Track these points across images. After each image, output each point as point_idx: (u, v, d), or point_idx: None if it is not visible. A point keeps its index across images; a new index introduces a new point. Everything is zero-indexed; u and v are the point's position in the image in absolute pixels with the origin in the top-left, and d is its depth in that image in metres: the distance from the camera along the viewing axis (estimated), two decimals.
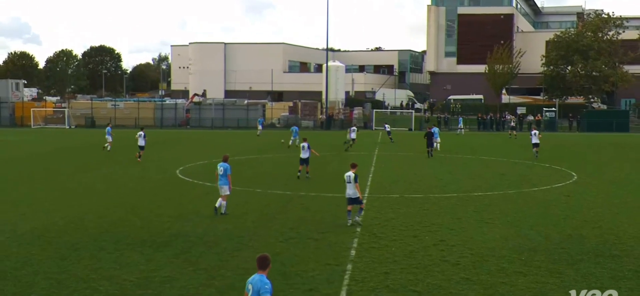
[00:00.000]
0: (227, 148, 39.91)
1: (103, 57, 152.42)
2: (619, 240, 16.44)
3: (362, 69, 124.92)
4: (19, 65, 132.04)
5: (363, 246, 15.68)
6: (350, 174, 18.05)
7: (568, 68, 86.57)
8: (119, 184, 26.81)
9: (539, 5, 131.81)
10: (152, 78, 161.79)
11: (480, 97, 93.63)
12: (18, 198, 23.00)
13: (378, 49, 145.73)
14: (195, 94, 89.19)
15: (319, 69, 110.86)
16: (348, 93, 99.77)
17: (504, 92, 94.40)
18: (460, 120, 69.98)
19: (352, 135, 46.28)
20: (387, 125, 57.77)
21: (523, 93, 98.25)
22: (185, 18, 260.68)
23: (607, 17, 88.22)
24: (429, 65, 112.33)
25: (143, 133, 36.48)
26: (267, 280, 8.35)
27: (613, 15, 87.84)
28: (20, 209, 20.55)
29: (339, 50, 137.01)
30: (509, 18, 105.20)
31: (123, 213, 19.91)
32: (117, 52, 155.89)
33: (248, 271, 13.30)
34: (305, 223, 18.43)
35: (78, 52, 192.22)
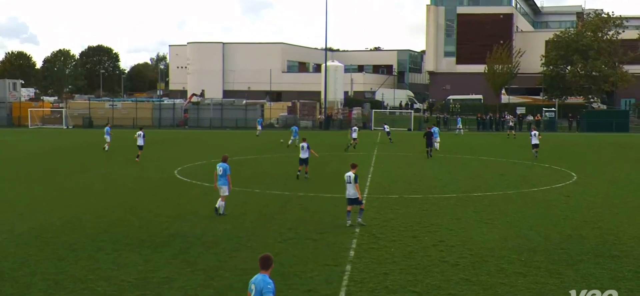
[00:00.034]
0: (225, 148, 39.84)
1: (101, 56, 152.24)
2: (619, 241, 16.42)
3: (361, 69, 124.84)
4: (17, 65, 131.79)
5: (362, 247, 15.64)
6: (351, 174, 18.00)
7: (568, 68, 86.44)
8: (117, 184, 26.75)
9: (539, 5, 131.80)
10: (150, 78, 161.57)
11: (480, 97, 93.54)
12: (15, 198, 22.93)
13: (377, 49, 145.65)
14: (194, 94, 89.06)
15: (318, 69, 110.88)
16: (347, 93, 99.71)
17: (504, 92, 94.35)
18: (459, 121, 69.94)
19: (353, 135, 46.35)
20: (386, 126, 57.71)
21: (522, 93, 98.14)
22: (184, 18, 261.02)
23: (606, 16, 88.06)
24: (428, 65, 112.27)
25: (142, 133, 36.53)
26: (269, 280, 8.36)
27: (613, 15, 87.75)
28: (18, 209, 20.50)
29: (338, 50, 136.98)
30: (509, 18, 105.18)
31: (121, 213, 19.86)
32: (115, 51, 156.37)
33: (246, 272, 13.27)
34: (304, 223, 18.39)
35: (76, 51, 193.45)
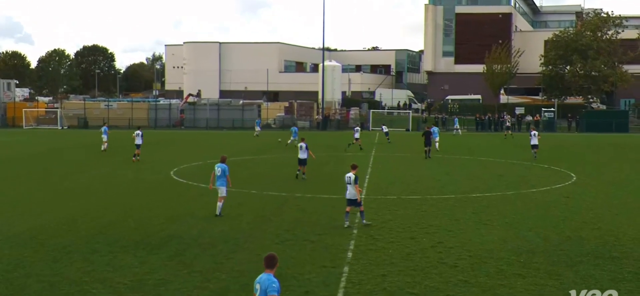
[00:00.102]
0: (222, 149, 39.71)
1: (96, 56, 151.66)
2: (619, 242, 16.34)
3: (358, 69, 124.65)
4: (11, 65, 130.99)
5: (360, 249, 15.55)
6: (351, 175, 17.92)
7: (567, 68, 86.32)
8: (113, 185, 26.64)
9: (538, 5, 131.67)
10: (145, 78, 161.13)
11: (478, 97, 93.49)
12: (10, 199, 22.83)
13: (375, 49, 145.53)
14: (190, 94, 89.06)
15: (315, 69, 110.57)
16: (344, 93, 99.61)
17: (502, 92, 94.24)
18: (456, 121, 69.90)
19: (356, 135, 46.40)
20: (384, 126, 57.68)
21: (521, 93, 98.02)
22: (180, 17, 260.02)
23: (606, 16, 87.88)
24: (427, 65, 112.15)
25: (140, 132, 36.78)
26: (274, 279, 8.48)
27: (612, 15, 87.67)
28: (12, 210, 20.40)
29: (336, 50, 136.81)
30: (507, 17, 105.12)
31: (117, 214, 19.75)
32: (110, 51, 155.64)
33: (243, 274, 13.21)
34: (301, 224, 18.30)
35: (71, 51, 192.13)
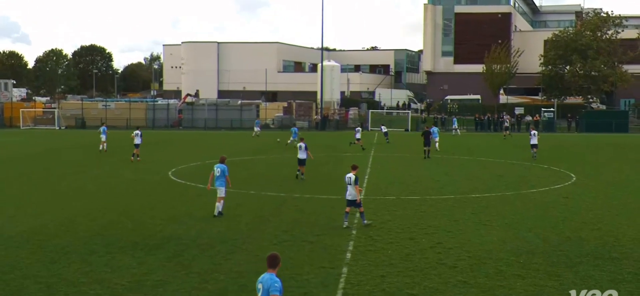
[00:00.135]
0: (220, 149, 39.67)
1: (94, 56, 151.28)
2: (619, 242, 16.29)
3: (357, 69, 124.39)
4: (8, 65, 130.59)
5: (359, 249, 15.50)
6: (351, 176, 17.88)
7: (567, 68, 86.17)
8: (110, 186, 26.57)
9: (537, 4, 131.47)
10: (143, 78, 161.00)
11: (478, 97, 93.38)
12: (6, 200, 22.78)
13: (374, 49, 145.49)
14: (188, 94, 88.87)
15: (314, 69, 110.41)
16: (343, 93, 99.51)
17: (502, 92, 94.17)
18: (455, 121, 69.85)
19: (357, 136, 46.37)
20: (383, 126, 57.66)
21: (521, 93, 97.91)
22: (178, 17, 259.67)
23: (606, 16, 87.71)
24: (426, 65, 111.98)
25: (139, 132, 36.90)
26: (277, 278, 8.52)
27: (612, 14, 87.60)
28: (9, 211, 20.35)
29: (334, 50, 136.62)
30: (507, 17, 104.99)
31: (114, 215, 19.69)
32: (108, 51, 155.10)
33: (242, 275, 13.16)
34: (300, 225, 18.24)
35: (68, 51, 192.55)
